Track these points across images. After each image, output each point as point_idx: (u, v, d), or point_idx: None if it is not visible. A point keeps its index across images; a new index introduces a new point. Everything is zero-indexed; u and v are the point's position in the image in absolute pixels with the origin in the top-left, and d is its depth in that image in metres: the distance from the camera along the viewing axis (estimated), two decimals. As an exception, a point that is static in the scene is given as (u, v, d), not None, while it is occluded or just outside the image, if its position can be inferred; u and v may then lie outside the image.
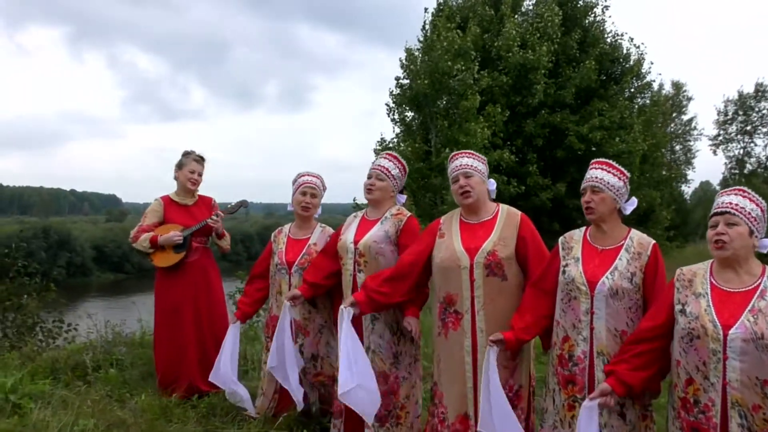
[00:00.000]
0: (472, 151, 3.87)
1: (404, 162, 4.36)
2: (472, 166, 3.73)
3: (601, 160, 3.45)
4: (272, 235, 4.85)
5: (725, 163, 45.46)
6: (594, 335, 3.18)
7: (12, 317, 8.54)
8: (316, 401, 4.52)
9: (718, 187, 45.02)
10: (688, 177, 39.91)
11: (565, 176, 20.83)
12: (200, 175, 5.33)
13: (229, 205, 5.45)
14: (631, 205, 3.37)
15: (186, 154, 5.34)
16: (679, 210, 32.65)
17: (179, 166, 5.32)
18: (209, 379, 4.63)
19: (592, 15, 22.69)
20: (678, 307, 2.90)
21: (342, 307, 3.74)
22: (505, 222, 3.67)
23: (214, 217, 5.09)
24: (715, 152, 44.52)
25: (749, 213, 2.82)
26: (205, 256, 5.30)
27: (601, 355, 3.16)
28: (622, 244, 3.27)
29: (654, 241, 3.31)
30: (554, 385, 3.35)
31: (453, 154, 3.89)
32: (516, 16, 21.41)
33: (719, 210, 2.86)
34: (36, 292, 8.98)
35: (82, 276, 52.52)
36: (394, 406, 4.04)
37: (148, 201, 5.45)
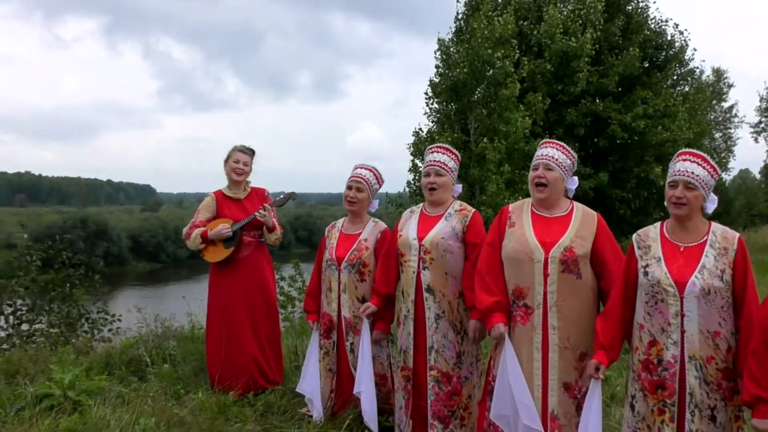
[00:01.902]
0: (563, 144, 3.68)
1: (456, 152, 4.24)
2: (556, 159, 3.57)
3: (694, 152, 3.20)
4: (326, 229, 4.77)
5: (767, 150, 44.59)
6: (685, 338, 3.02)
7: (58, 307, 8.62)
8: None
9: (758, 176, 44.24)
10: (729, 165, 39.16)
11: (606, 165, 20.50)
12: (246, 164, 5.24)
13: (278, 199, 5.37)
14: (712, 203, 3.18)
15: (234, 147, 5.30)
16: (721, 199, 32.03)
17: (226, 159, 5.27)
18: (297, 390, 4.58)
19: (636, 1, 22.20)
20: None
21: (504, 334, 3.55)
22: (582, 220, 3.53)
23: (262, 211, 4.97)
24: (756, 139, 43.61)
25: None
26: (258, 250, 5.22)
27: (693, 360, 3.00)
28: (706, 240, 3.10)
29: (739, 234, 3.13)
30: (635, 392, 3.20)
31: (543, 141, 3.75)
32: (557, 3, 21.03)
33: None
34: (81, 282, 9.07)
35: (119, 265, 53.47)
36: (457, 407, 3.96)
37: (182, 191, 5.48)
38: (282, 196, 5.32)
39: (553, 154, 3.58)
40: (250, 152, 5.30)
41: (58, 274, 8.87)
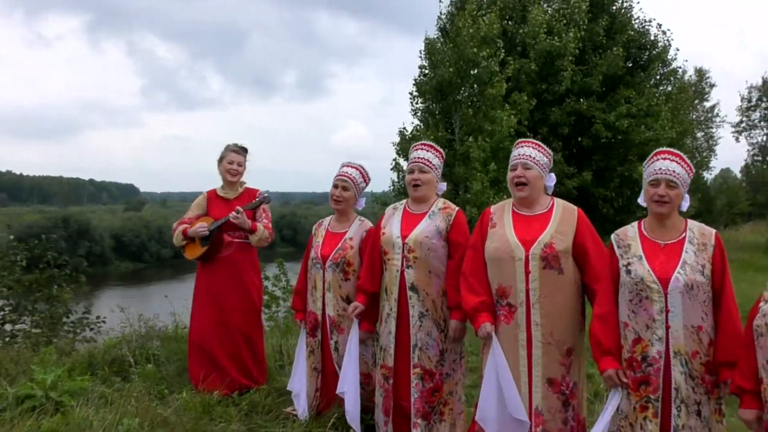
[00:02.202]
0: (539, 143, 3.71)
1: (441, 150, 4.25)
2: (533, 157, 3.60)
3: (672, 151, 3.26)
4: (313, 227, 4.76)
5: (748, 150, 45.08)
6: (670, 334, 3.06)
7: (42, 308, 8.55)
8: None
9: (739, 174, 44.78)
10: (710, 165, 39.59)
11: (590, 164, 20.63)
12: (240, 164, 5.22)
13: (253, 201, 5.29)
14: (686, 201, 3.26)
15: (227, 147, 5.27)
16: (703, 198, 32.36)
17: (219, 159, 5.25)
18: (288, 387, 4.53)
19: (620, 1, 22.35)
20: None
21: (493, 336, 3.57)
22: (562, 216, 3.56)
23: (235, 213, 4.93)
24: (737, 139, 44.10)
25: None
26: (242, 251, 5.16)
27: (678, 355, 3.05)
28: (684, 236, 3.16)
29: (715, 231, 3.22)
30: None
31: (519, 141, 3.77)
32: (542, 3, 21.12)
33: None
34: (66, 283, 9.00)
35: (101, 265, 53.07)
36: (438, 403, 3.98)
37: (166, 190, 5.48)
38: (256, 200, 5.22)
39: (531, 153, 3.61)
40: (244, 151, 5.27)
41: (43, 274, 8.80)
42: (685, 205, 3.23)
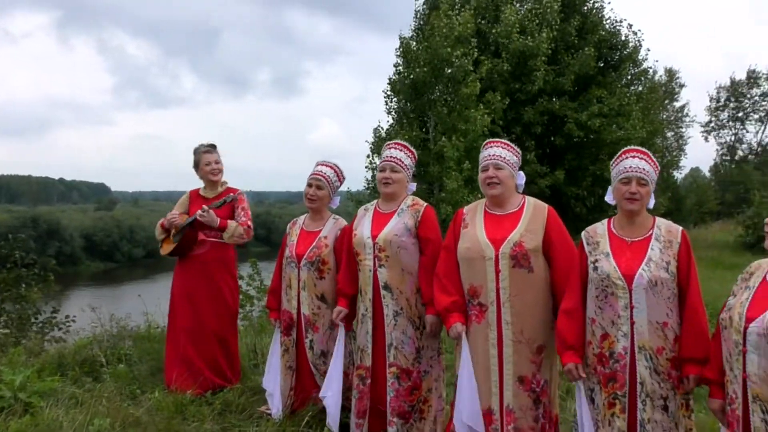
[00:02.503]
0: (507, 142, 3.73)
1: (413, 149, 4.27)
2: (503, 157, 3.62)
3: (640, 149, 3.31)
4: (288, 226, 4.74)
5: (717, 149, 45.97)
6: (635, 330, 3.11)
7: (10, 308, 8.43)
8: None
9: (708, 174, 45.55)
10: (680, 164, 40.23)
11: (563, 163, 20.82)
12: (217, 162, 5.19)
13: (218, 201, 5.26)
14: (652, 200, 3.31)
15: (195, 150, 5.22)
16: (673, 197, 32.82)
17: (195, 164, 5.22)
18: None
19: (591, 1, 22.60)
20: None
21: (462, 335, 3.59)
22: (532, 214, 3.58)
23: (200, 211, 4.88)
24: (706, 138, 45.10)
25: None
26: (216, 249, 5.12)
27: (643, 350, 3.10)
28: (651, 234, 3.21)
29: (682, 228, 3.26)
30: (593, 385, 3.27)
31: (487, 141, 3.77)
32: (514, 2, 21.27)
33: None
34: (35, 282, 8.88)
35: (71, 265, 52.36)
36: (417, 401, 3.98)
37: (137, 189, 5.41)
38: (221, 199, 5.14)
39: (501, 153, 3.62)
40: (213, 148, 5.23)
41: (10, 274, 8.67)
42: (652, 202, 3.28)
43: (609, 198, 3.36)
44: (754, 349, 2.61)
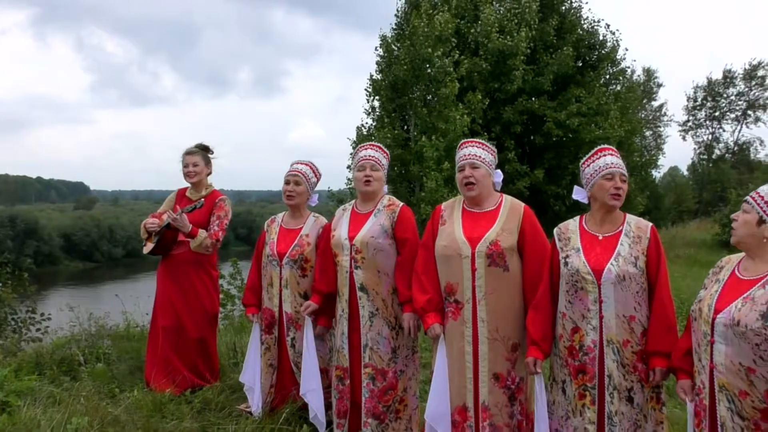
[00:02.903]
0: (482, 141, 3.77)
1: (387, 150, 4.34)
2: (479, 156, 3.65)
3: (612, 147, 3.40)
4: (265, 224, 4.75)
5: (694, 148, 46.45)
6: (604, 324, 3.18)
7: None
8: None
9: (686, 173, 46.06)
10: (659, 163, 40.65)
11: (542, 162, 20.96)
12: (195, 164, 5.13)
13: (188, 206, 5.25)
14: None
15: (183, 152, 5.23)
16: (652, 195, 33.13)
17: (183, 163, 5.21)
18: (240, 379, 4.55)
19: (569, 1, 22.81)
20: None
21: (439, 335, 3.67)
22: (509, 213, 3.62)
23: (174, 214, 4.89)
24: (684, 138, 45.53)
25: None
26: (192, 251, 5.11)
27: (611, 344, 3.17)
28: (621, 230, 3.28)
29: (651, 224, 3.33)
30: (564, 377, 3.34)
31: (463, 141, 3.81)
32: (493, 2, 21.38)
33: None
34: (8, 282, 8.80)
35: (50, 265, 51.89)
36: (393, 401, 4.00)
37: (117, 188, 5.36)
38: (191, 205, 5.10)
39: (477, 152, 3.66)
40: (202, 149, 5.20)
41: (-18, 274, 8.59)
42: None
43: (579, 196, 3.41)
44: (722, 339, 2.67)
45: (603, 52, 22.95)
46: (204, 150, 5.22)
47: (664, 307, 3.17)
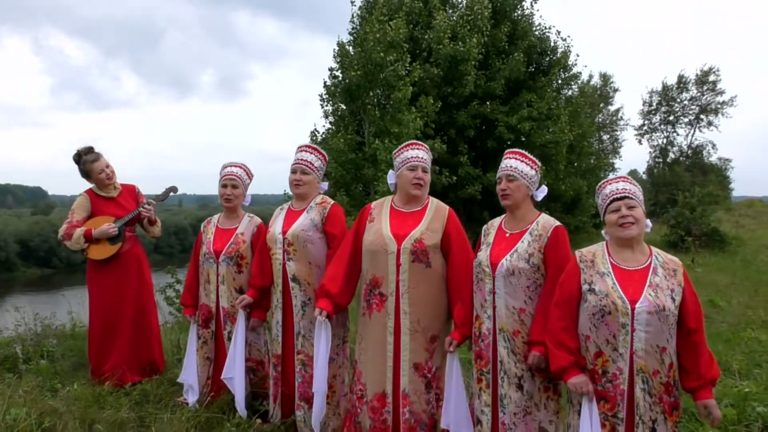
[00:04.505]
0: (420, 143, 4.01)
1: (323, 152, 4.52)
2: (426, 160, 3.90)
3: (514, 150, 3.64)
4: (202, 225, 4.94)
5: (650, 152, 47.24)
6: (496, 313, 3.41)
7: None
8: (248, 386, 4.61)
9: (644, 176, 46.81)
10: (616, 166, 41.29)
11: (495, 166, 21.15)
12: (108, 166, 5.27)
13: (159, 194, 5.46)
14: (541, 193, 3.57)
15: (78, 159, 5.29)
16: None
17: (87, 174, 5.29)
18: (179, 380, 4.75)
19: (521, 8, 23.22)
20: (585, 287, 3.07)
21: (320, 319, 3.85)
22: (434, 214, 3.86)
23: (147, 206, 5.13)
24: (640, 141, 46.37)
25: (639, 197, 3.13)
26: (136, 245, 5.33)
27: (502, 332, 3.38)
28: (528, 228, 3.49)
29: (558, 224, 3.48)
30: (473, 362, 3.60)
31: (409, 142, 4.02)
32: (446, 9, 21.72)
33: (619, 196, 3.11)
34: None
35: (6, 272, 50.69)
36: None
37: (75, 194, 5.42)
38: (164, 191, 5.41)
39: (425, 157, 3.91)
40: (97, 153, 5.29)
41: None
42: (540, 195, 3.56)
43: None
44: (644, 327, 2.87)
45: (554, 57, 23.43)
46: (92, 151, 5.30)
47: (547, 300, 3.30)
